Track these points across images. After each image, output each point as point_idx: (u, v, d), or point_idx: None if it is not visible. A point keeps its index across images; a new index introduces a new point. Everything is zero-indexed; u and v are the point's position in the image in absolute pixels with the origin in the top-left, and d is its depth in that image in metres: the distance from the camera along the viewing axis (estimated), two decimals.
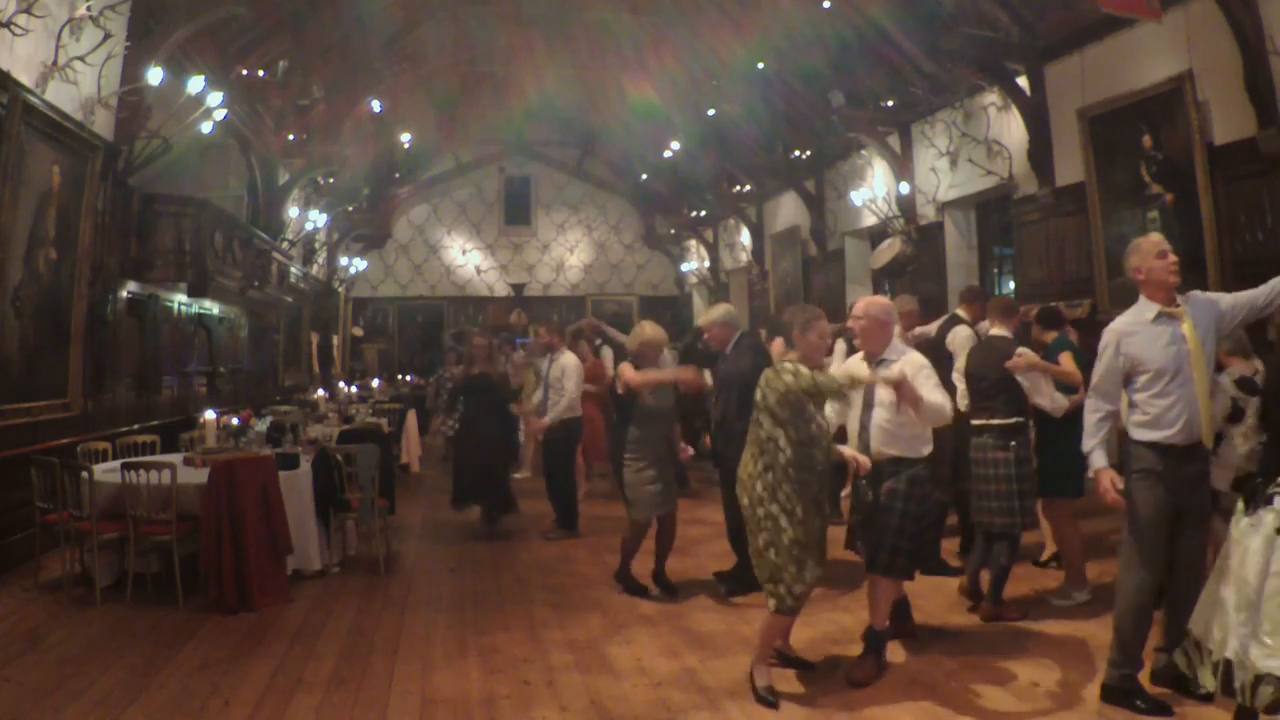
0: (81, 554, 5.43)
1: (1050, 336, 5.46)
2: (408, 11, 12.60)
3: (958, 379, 5.50)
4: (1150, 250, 3.58)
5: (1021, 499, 4.72)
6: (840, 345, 7.21)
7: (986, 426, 4.85)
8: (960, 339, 5.82)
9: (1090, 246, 8.27)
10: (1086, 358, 6.08)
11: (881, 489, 3.97)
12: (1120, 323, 3.64)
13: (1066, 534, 5.11)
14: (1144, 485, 3.47)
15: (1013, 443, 4.77)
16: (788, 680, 4.01)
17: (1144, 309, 3.59)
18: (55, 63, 6.22)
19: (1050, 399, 4.89)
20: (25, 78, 5.87)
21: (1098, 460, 3.58)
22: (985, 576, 4.94)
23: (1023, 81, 8.93)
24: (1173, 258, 3.54)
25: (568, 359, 7.42)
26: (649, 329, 5.49)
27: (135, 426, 7.62)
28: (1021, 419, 4.85)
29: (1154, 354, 3.49)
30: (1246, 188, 6.62)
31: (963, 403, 5.25)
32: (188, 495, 5.21)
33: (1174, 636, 3.47)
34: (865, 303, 4.17)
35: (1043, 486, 5.02)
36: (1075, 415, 4.78)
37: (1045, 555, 5.79)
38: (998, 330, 5.11)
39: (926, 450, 4.04)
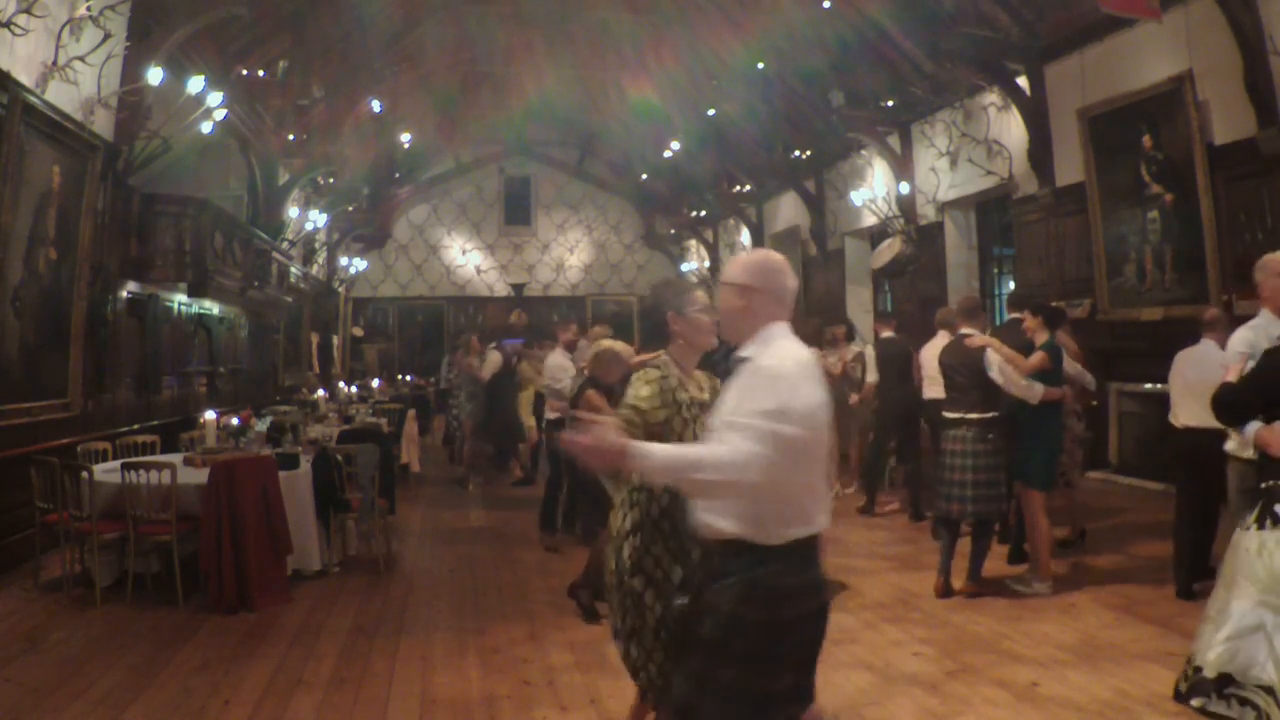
0: (81, 554, 5.42)
1: (1044, 336, 5.53)
2: (408, 11, 12.60)
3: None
4: (1274, 269, 3.67)
5: (997, 487, 5.10)
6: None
7: (964, 420, 5.14)
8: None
9: (1090, 246, 8.27)
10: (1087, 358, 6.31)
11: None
12: (1253, 336, 3.66)
13: (1037, 525, 5.23)
14: None
15: (990, 435, 5.08)
16: None
17: (1271, 324, 3.65)
18: (55, 63, 6.21)
19: (1022, 388, 5.02)
20: (25, 78, 5.86)
21: (1253, 427, 3.10)
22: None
23: (1023, 81, 8.94)
24: None
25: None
26: (617, 344, 4.78)
27: (135, 426, 7.61)
28: (997, 413, 5.11)
29: None
30: (1246, 188, 6.62)
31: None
32: (188, 495, 5.20)
33: None
34: None
35: (1016, 475, 5.31)
36: (1047, 411, 5.14)
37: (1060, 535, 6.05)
38: (966, 329, 5.39)
39: None
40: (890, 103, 11.13)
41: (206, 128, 8.29)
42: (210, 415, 6.47)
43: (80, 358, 6.97)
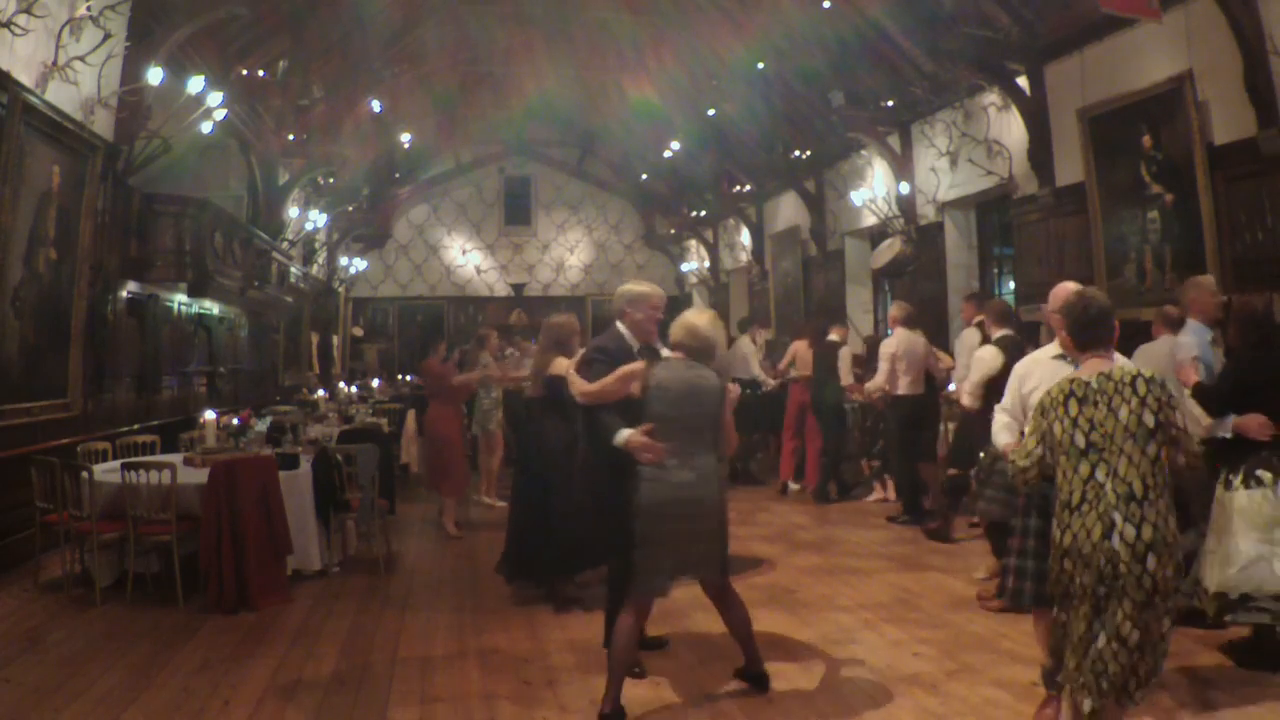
0: (81, 554, 5.43)
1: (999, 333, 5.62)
2: (408, 11, 12.59)
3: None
4: (1206, 288, 4.64)
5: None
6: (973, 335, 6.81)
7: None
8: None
9: (1090, 247, 8.26)
10: None
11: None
12: (1196, 340, 4.62)
13: None
14: None
15: None
16: (786, 679, 4.01)
17: (1203, 331, 4.62)
18: (55, 63, 6.22)
19: None
20: (25, 78, 5.87)
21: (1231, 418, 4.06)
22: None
23: (1023, 81, 8.93)
24: None
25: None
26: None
27: (135, 426, 7.62)
28: None
29: None
30: (1246, 188, 6.61)
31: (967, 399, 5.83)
32: (188, 495, 5.21)
33: None
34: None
35: None
36: None
37: None
38: (1005, 331, 5.61)
39: None
40: (890, 103, 11.12)
41: (206, 128, 8.29)
42: (210, 415, 6.47)
43: (80, 358, 6.97)
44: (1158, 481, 2.79)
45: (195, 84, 7.61)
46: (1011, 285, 10.19)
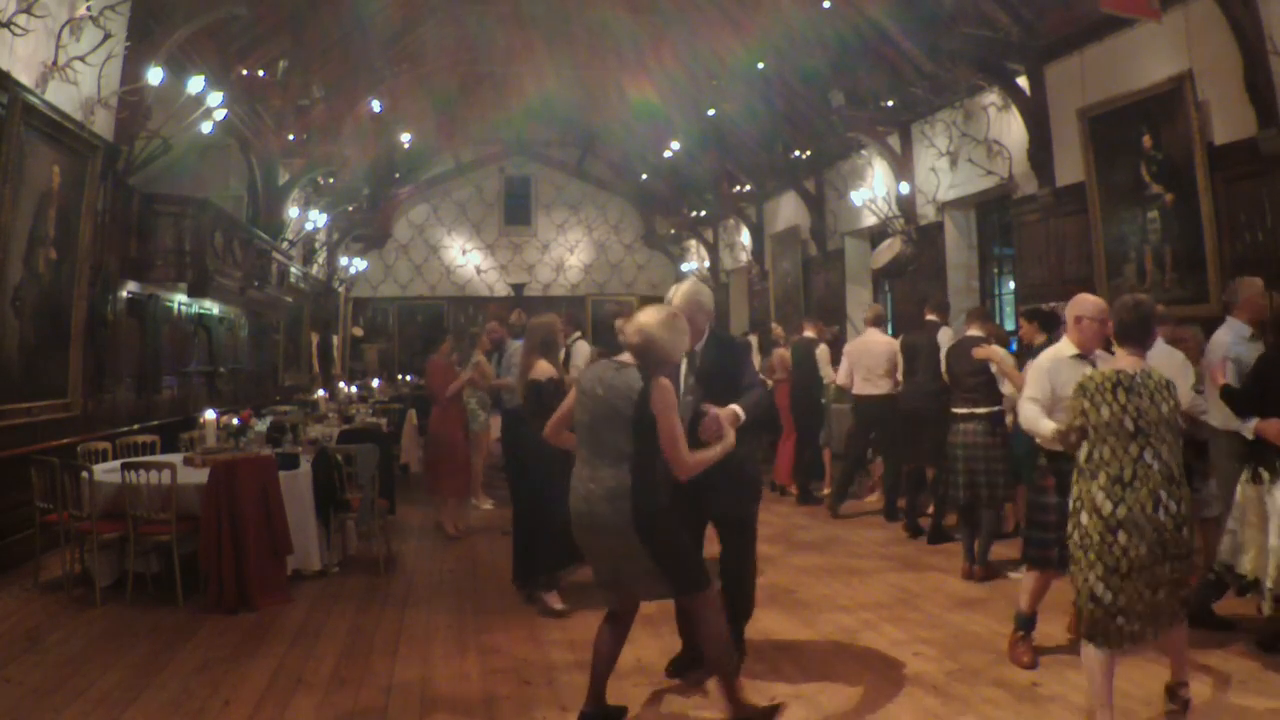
0: (81, 554, 5.43)
1: (1040, 339, 5.68)
2: (408, 11, 12.60)
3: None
4: (1253, 288, 4.76)
5: (1005, 476, 5.56)
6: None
7: (973, 415, 5.61)
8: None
9: (1090, 246, 8.26)
10: None
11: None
12: (1230, 340, 4.66)
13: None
14: None
15: (998, 427, 5.58)
16: (787, 679, 4.01)
17: (1243, 330, 4.68)
18: (55, 63, 6.22)
19: (1013, 388, 5.36)
20: (25, 78, 5.87)
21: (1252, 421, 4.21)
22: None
23: (1023, 81, 8.93)
24: None
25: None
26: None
27: (135, 426, 7.62)
28: (999, 408, 5.62)
29: None
30: (1246, 188, 6.62)
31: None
32: (188, 495, 5.21)
33: None
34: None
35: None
36: None
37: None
38: (973, 331, 6.01)
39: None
40: (890, 103, 11.11)
41: (206, 128, 8.29)
42: (210, 415, 6.47)
43: (80, 358, 6.97)
44: (1182, 465, 3.33)
45: (195, 84, 7.61)
46: (1011, 285, 10.20)
